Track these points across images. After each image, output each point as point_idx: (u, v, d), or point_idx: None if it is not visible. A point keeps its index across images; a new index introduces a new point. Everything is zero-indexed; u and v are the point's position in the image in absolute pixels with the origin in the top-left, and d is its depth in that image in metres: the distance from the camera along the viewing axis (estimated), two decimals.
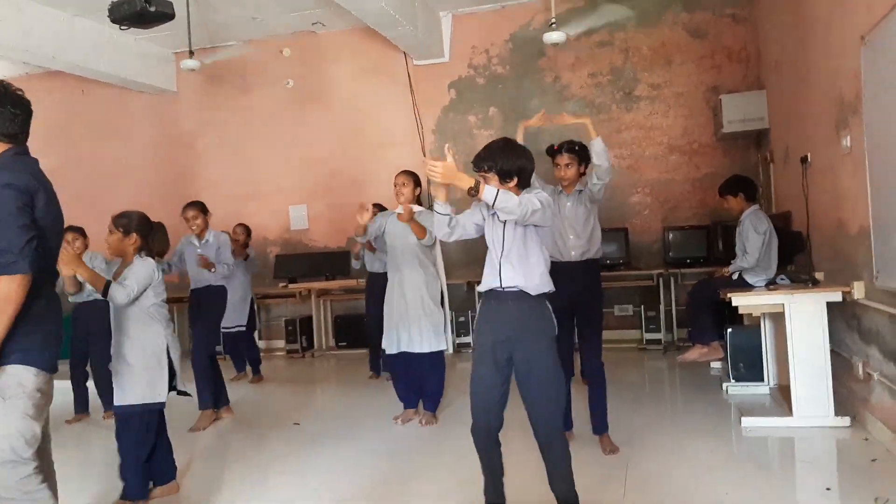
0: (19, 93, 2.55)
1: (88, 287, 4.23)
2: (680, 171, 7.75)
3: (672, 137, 7.78)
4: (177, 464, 3.83)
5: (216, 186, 8.77)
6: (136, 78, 8.59)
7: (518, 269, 2.86)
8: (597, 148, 3.87)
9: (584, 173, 4.05)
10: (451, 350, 4.98)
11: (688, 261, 7.26)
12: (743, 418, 4.41)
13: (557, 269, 3.29)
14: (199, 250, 5.43)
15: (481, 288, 2.99)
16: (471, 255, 7.42)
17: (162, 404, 3.60)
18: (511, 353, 2.88)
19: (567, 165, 3.99)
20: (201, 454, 4.53)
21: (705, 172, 7.63)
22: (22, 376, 2.40)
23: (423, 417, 4.81)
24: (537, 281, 2.88)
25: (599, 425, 4.05)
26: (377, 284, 6.19)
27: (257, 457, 4.39)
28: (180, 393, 3.79)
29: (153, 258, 3.69)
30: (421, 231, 4.61)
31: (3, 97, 2.48)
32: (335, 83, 8.81)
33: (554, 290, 2.94)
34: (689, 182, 7.72)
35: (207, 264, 5.32)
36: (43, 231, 2.44)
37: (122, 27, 6.00)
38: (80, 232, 5.46)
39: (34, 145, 2.58)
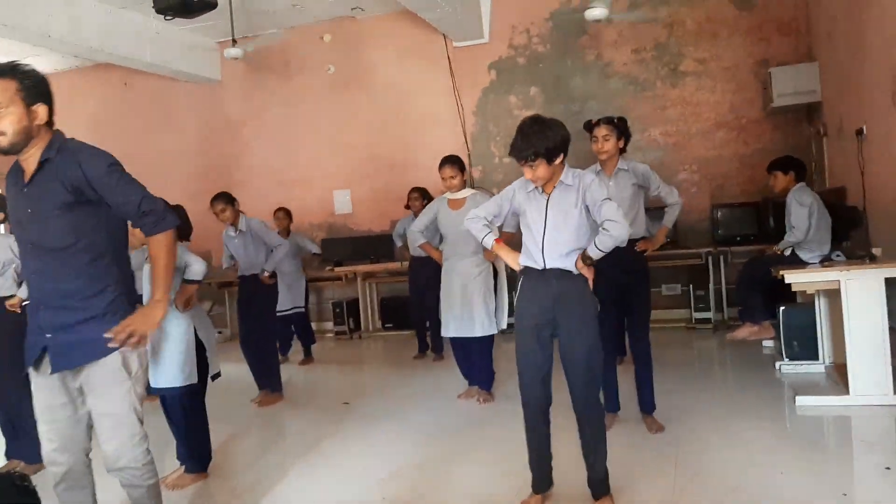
0: None
1: None
2: (728, 148, 7.58)
3: (719, 113, 7.60)
4: (227, 439, 3.97)
5: (262, 173, 8.89)
6: (180, 68, 8.71)
7: (561, 248, 2.86)
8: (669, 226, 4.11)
9: (622, 149, 3.98)
10: (504, 326, 4.95)
11: (737, 238, 7.11)
12: (797, 397, 4.32)
13: None
14: (235, 239, 5.35)
15: (521, 263, 2.99)
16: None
17: (193, 385, 3.67)
18: (554, 330, 2.90)
19: (605, 137, 3.87)
20: (252, 431, 4.63)
21: (754, 148, 7.45)
22: (141, 353, 2.55)
23: (481, 396, 4.92)
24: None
25: (647, 404, 4.03)
26: (420, 268, 6.23)
27: (309, 435, 4.47)
28: (213, 377, 3.87)
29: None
30: None
31: (48, 90, 2.45)
32: (376, 68, 8.82)
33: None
34: (737, 158, 7.54)
35: (266, 279, 5.33)
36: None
37: (167, 17, 6.12)
38: None
39: (81, 137, 2.55)
